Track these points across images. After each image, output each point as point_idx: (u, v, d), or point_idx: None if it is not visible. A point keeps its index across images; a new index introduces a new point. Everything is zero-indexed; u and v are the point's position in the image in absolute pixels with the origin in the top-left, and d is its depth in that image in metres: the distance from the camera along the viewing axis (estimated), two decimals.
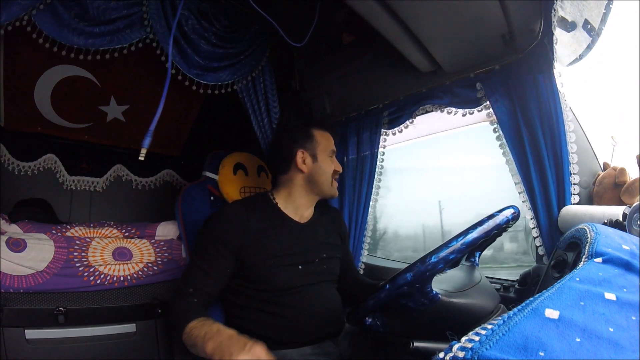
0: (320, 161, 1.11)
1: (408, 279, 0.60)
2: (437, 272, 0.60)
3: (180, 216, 1.38)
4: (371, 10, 0.97)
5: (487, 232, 0.63)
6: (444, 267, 0.60)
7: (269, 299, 0.99)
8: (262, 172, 1.60)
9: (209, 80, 1.42)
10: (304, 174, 1.10)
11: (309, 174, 1.10)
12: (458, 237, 0.61)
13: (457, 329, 0.65)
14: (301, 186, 1.11)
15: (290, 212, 1.11)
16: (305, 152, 1.11)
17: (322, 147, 1.12)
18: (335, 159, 1.16)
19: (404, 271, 0.61)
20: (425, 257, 0.60)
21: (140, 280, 1.46)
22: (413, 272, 0.60)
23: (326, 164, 1.11)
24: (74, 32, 1.15)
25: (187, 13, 1.32)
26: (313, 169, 1.10)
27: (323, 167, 1.11)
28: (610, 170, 1.04)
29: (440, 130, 1.57)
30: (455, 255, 0.59)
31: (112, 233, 1.52)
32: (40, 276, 1.26)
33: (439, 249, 0.60)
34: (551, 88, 1.04)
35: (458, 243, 0.60)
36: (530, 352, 0.31)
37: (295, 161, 1.09)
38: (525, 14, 0.99)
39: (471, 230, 0.62)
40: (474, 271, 0.80)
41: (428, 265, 0.59)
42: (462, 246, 0.60)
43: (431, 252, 0.60)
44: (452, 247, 0.59)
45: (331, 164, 1.13)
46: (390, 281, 0.63)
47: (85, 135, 1.96)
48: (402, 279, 0.61)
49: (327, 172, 1.11)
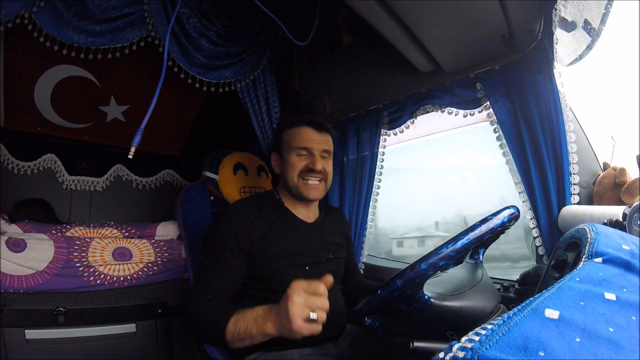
0: (284, 160, 1.09)
1: (398, 285, 0.60)
2: (428, 278, 0.59)
3: (180, 216, 1.38)
4: (371, 10, 0.97)
5: (479, 237, 0.62)
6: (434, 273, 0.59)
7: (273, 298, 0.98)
8: (262, 172, 1.60)
9: (211, 78, 1.42)
10: (280, 175, 1.13)
11: (281, 174, 1.11)
12: (448, 243, 0.60)
13: (457, 329, 0.65)
14: (283, 187, 1.12)
15: (295, 211, 1.10)
16: (277, 154, 1.13)
17: (286, 145, 1.09)
18: (312, 155, 1.06)
19: (394, 277, 0.61)
20: (415, 263, 0.59)
21: (140, 280, 1.46)
22: (403, 279, 0.59)
23: (289, 163, 1.06)
24: (74, 30, 1.14)
25: (188, 12, 1.33)
26: (282, 169, 1.10)
27: (286, 166, 1.07)
28: (610, 170, 1.04)
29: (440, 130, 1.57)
30: (445, 261, 0.58)
31: (112, 233, 1.52)
32: (40, 276, 1.26)
33: (429, 256, 0.59)
34: (551, 88, 1.04)
35: (448, 250, 0.59)
36: (530, 352, 0.31)
37: (272, 164, 1.14)
38: (525, 14, 0.99)
39: (462, 236, 0.61)
40: (476, 270, 0.79)
41: (417, 272, 0.58)
42: (452, 252, 0.59)
43: (421, 258, 0.60)
44: (442, 253, 0.58)
45: (297, 162, 1.05)
46: (383, 286, 0.63)
47: (85, 135, 1.96)
48: (392, 285, 0.61)
49: (290, 171, 1.06)
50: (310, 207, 1.14)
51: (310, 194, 1.05)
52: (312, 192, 1.06)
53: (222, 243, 0.96)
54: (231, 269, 0.94)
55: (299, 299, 0.67)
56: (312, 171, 1.05)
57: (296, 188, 1.05)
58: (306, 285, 0.69)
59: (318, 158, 1.06)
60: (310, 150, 1.06)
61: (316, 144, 1.06)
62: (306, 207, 1.13)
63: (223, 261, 0.94)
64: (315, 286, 0.69)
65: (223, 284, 0.93)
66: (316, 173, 1.05)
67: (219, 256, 0.95)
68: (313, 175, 1.05)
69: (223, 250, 0.95)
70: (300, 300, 0.67)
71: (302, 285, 0.69)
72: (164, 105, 1.94)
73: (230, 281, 0.94)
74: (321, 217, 1.15)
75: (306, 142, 1.06)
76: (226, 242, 0.95)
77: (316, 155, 1.06)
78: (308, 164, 1.05)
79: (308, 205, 1.13)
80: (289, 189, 1.08)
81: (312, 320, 0.66)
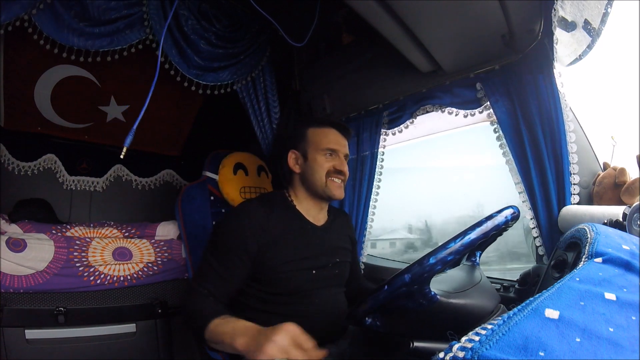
0: (310, 160, 1.08)
1: (406, 280, 0.60)
2: (435, 273, 0.60)
3: (180, 216, 1.38)
4: (371, 10, 0.97)
5: (485, 233, 0.62)
6: (442, 269, 0.60)
7: (278, 301, 0.98)
8: (262, 172, 1.60)
9: (209, 81, 1.42)
10: (298, 174, 1.11)
11: (302, 174, 1.10)
12: (456, 238, 0.61)
13: (457, 329, 0.65)
14: (300, 187, 1.11)
15: (306, 214, 1.09)
16: (297, 152, 1.11)
17: (313, 145, 1.09)
18: (338, 157, 1.10)
19: (402, 272, 0.61)
20: (423, 258, 0.60)
21: (140, 280, 1.46)
22: (411, 274, 0.59)
23: (316, 162, 1.07)
24: (74, 32, 1.15)
25: (187, 13, 1.32)
26: (304, 168, 1.09)
27: (312, 165, 1.08)
28: (610, 170, 1.04)
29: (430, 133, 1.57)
30: (453, 256, 0.59)
31: (112, 233, 1.52)
32: (40, 276, 1.26)
33: (437, 250, 0.60)
34: (551, 88, 1.04)
35: (457, 244, 0.59)
36: (530, 352, 0.31)
37: (288, 162, 1.11)
38: (525, 14, 0.99)
39: (469, 231, 0.61)
40: (474, 271, 0.80)
41: (426, 267, 0.59)
42: (461, 247, 0.59)
43: (429, 253, 0.60)
44: (450, 248, 0.59)
45: (325, 162, 1.07)
46: (389, 282, 0.63)
47: (85, 135, 1.96)
48: (400, 280, 0.61)
49: (318, 170, 1.07)
50: (322, 210, 1.14)
51: (336, 193, 1.08)
52: (337, 191, 1.09)
53: (230, 245, 0.95)
54: (234, 272, 0.94)
55: (282, 341, 0.66)
56: (339, 172, 1.08)
57: (323, 187, 1.07)
58: (297, 333, 0.68)
59: (343, 160, 1.10)
60: (337, 153, 1.09)
61: (341, 147, 1.11)
62: (319, 210, 1.12)
63: (227, 264, 0.94)
64: (304, 341, 0.68)
65: (223, 284, 0.93)
66: (342, 174, 1.09)
67: (224, 257, 0.95)
68: (338, 176, 1.09)
69: (229, 252, 0.95)
70: (282, 343, 0.66)
71: (293, 330, 0.68)
72: (163, 105, 1.94)
73: (231, 283, 0.94)
74: (330, 220, 1.15)
75: (333, 144, 1.09)
76: (234, 245, 0.95)
77: (341, 157, 1.10)
78: (335, 165, 1.08)
79: (321, 207, 1.13)
80: (312, 188, 1.08)
81: None
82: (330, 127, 1.12)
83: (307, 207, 1.10)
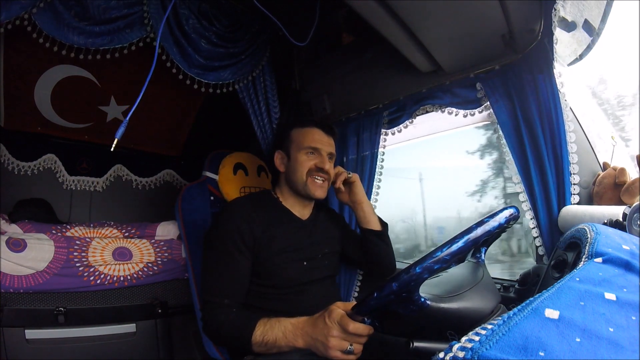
0: (292, 159, 1.11)
1: (394, 288, 0.60)
2: (422, 281, 0.59)
3: (180, 216, 1.38)
4: (371, 10, 0.97)
5: (475, 240, 0.60)
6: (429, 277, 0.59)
7: (274, 296, 0.99)
8: (262, 172, 1.60)
9: (210, 80, 1.42)
10: (283, 174, 1.15)
11: (286, 173, 1.13)
12: (443, 246, 0.59)
13: (456, 329, 0.65)
14: (285, 185, 1.14)
15: (291, 209, 1.13)
16: (281, 152, 1.15)
17: (295, 144, 1.11)
18: (320, 156, 1.10)
19: (390, 280, 0.61)
20: (410, 267, 0.59)
21: (140, 280, 1.46)
22: (398, 282, 0.59)
23: (297, 161, 1.09)
24: (74, 31, 1.15)
25: (187, 12, 1.32)
26: (288, 168, 1.12)
27: (294, 164, 1.10)
28: (610, 170, 1.04)
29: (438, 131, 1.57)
30: (440, 265, 0.58)
31: (112, 233, 1.52)
32: (40, 276, 1.26)
33: (424, 259, 0.58)
34: (551, 88, 1.04)
35: (443, 253, 0.58)
36: (530, 352, 0.31)
37: (275, 162, 1.15)
38: (525, 14, 0.99)
39: (458, 239, 0.59)
40: (477, 269, 0.78)
41: (412, 276, 0.58)
42: (447, 256, 0.58)
43: (416, 262, 0.59)
44: (436, 257, 0.58)
45: (306, 160, 1.08)
46: (378, 289, 0.63)
47: (85, 135, 1.96)
48: (387, 288, 0.60)
49: (298, 169, 1.08)
50: (307, 206, 1.16)
51: (316, 192, 1.09)
52: (318, 191, 1.09)
53: (227, 241, 0.97)
54: (239, 267, 0.96)
55: (338, 333, 0.73)
56: (321, 170, 1.09)
57: (304, 186, 1.08)
58: (340, 317, 0.73)
59: (326, 159, 1.10)
60: (319, 151, 1.10)
61: (325, 146, 1.11)
62: (303, 206, 1.15)
63: (230, 261, 0.95)
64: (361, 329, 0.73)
65: (234, 286, 0.94)
66: (323, 173, 1.09)
67: (225, 256, 0.96)
68: (320, 175, 1.10)
69: (228, 249, 0.96)
70: (338, 334, 0.73)
71: (336, 317, 0.74)
72: (164, 105, 1.94)
73: (240, 281, 0.96)
74: (314, 214, 1.18)
75: (315, 143, 1.10)
76: (231, 240, 0.96)
77: (324, 155, 1.10)
78: (317, 163, 1.09)
79: (305, 204, 1.15)
80: (294, 186, 1.11)
81: (348, 352, 0.73)
82: (314, 126, 1.13)
83: (292, 204, 1.14)
